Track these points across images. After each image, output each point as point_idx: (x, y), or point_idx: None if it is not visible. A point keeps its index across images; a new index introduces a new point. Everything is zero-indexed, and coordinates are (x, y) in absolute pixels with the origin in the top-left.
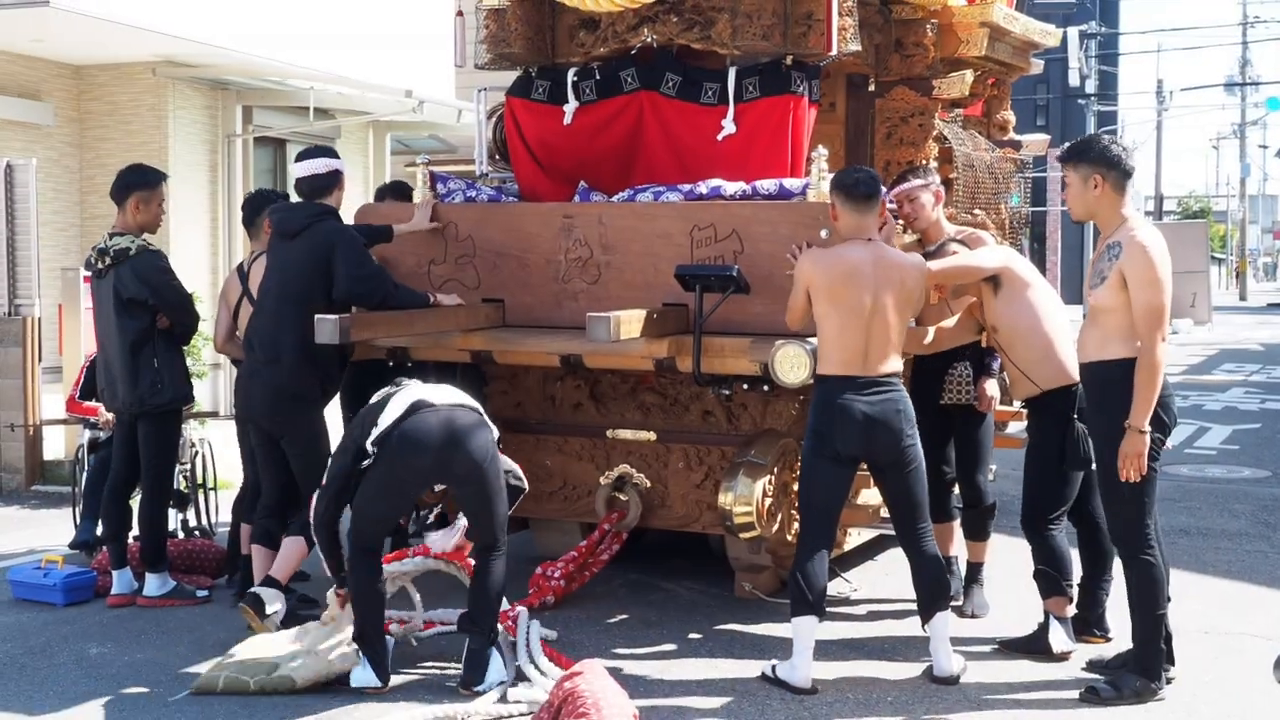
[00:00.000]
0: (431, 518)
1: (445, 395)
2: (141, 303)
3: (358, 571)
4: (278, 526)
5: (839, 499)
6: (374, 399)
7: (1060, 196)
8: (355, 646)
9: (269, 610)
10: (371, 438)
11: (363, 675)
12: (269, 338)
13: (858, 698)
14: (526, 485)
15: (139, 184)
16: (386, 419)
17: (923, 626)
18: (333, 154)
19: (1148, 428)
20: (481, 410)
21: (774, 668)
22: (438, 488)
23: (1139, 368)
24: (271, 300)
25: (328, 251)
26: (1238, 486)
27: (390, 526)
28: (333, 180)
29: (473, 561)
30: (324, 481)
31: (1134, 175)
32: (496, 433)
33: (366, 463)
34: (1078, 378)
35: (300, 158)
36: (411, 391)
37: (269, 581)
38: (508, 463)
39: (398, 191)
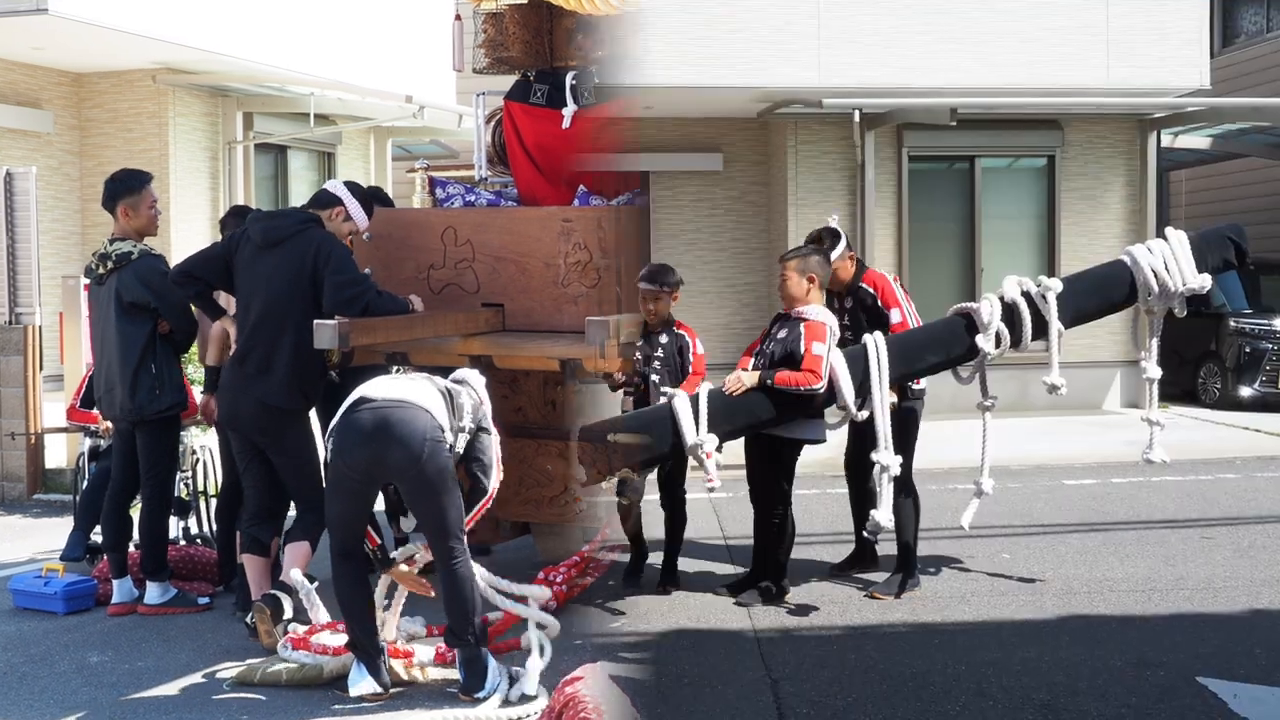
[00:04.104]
0: (411, 527)
1: (390, 390)
2: (143, 306)
3: (338, 578)
4: (266, 533)
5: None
6: None
7: None
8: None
9: (286, 615)
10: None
11: (361, 681)
12: (263, 351)
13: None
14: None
15: (124, 188)
16: (335, 418)
17: None
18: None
19: None
20: (430, 408)
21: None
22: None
23: None
24: (264, 312)
25: (315, 259)
26: None
27: (357, 528)
28: (334, 200)
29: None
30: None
31: None
32: (448, 434)
33: None
34: None
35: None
36: (359, 388)
37: (282, 587)
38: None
39: (375, 199)
